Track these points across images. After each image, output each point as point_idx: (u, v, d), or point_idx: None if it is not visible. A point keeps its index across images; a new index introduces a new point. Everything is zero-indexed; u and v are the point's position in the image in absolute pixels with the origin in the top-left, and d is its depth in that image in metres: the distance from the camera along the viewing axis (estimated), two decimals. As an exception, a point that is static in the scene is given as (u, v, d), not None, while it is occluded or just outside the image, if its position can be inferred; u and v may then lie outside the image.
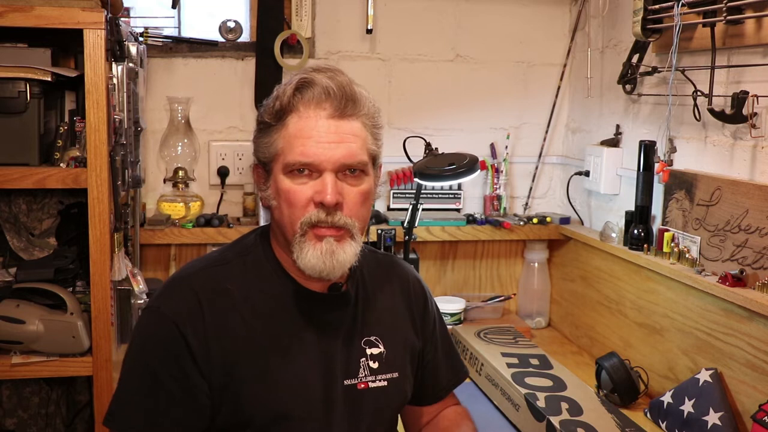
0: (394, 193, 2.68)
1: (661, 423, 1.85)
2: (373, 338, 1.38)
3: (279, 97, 1.28)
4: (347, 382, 1.34)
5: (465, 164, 2.27)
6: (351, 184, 1.27)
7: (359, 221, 1.28)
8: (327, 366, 1.31)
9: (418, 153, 2.41)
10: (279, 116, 1.27)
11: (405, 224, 2.48)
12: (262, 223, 2.47)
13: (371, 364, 1.36)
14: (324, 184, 1.23)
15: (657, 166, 1.97)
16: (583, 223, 2.65)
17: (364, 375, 1.35)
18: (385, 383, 1.37)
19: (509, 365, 2.01)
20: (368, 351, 1.37)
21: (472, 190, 2.76)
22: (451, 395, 1.58)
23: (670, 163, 1.95)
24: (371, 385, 1.36)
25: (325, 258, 1.24)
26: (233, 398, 1.26)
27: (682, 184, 2.00)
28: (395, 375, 1.39)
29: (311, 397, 1.29)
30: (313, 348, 1.31)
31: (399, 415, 1.50)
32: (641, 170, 2.12)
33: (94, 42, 1.75)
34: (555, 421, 1.70)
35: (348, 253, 1.26)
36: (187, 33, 2.58)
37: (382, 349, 1.38)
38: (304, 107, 1.25)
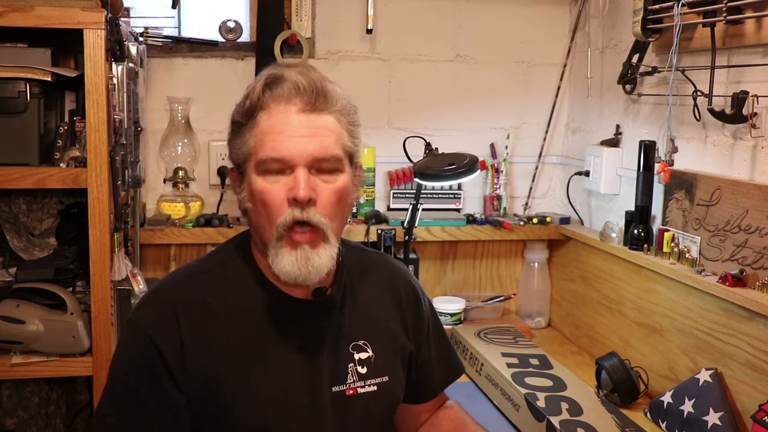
0: (394, 193, 2.67)
1: (661, 423, 1.85)
2: (361, 342, 1.36)
3: (249, 95, 1.25)
4: (335, 388, 1.32)
5: (465, 164, 2.27)
6: (325, 180, 1.23)
7: (334, 221, 1.25)
8: (313, 374, 1.29)
9: (418, 153, 2.41)
10: (249, 114, 1.25)
11: (405, 224, 2.47)
12: (262, 223, 2.47)
13: (360, 369, 1.34)
14: (296, 179, 1.20)
15: (658, 166, 1.97)
16: (583, 223, 2.65)
17: (352, 381, 1.33)
18: (375, 388, 1.35)
19: (509, 365, 2.01)
20: (356, 356, 1.35)
21: (472, 190, 2.76)
22: (441, 397, 1.57)
23: (671, 163, 1.95)
24: (360, 390, 1.34)
25: (301, 265, 1.21)
26: (215, 411, 1.24)
27: (682, 184, 2.00)
28: (385, 379, 1.37)
29: (296, 406, 1.27)
30: (298, 356, 1.29)
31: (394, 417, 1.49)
32: (641, 170, 2.12)
33: (94, 42, 1.75)
34: (555, 421, 1.70)
35: (323, 257, 1.23)
36: (187, 33, 2.58)
37: (370, 353, 1.36)
38: (275, 103, 1.23)
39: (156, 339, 1.22)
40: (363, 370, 1.35)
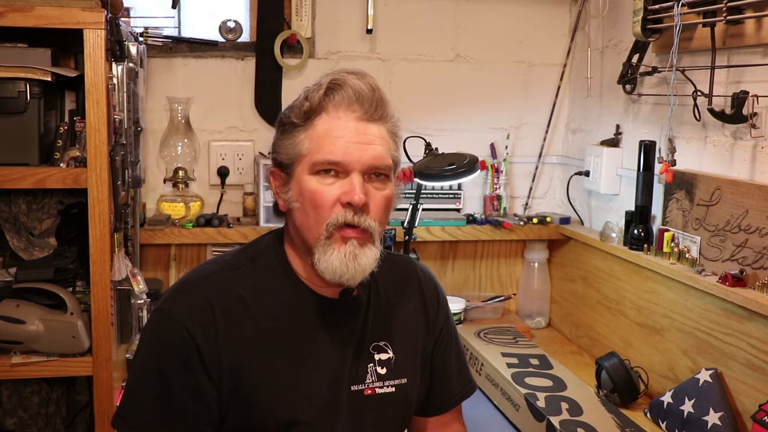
0: (394, 193, 2.67)
1: (661, 423, 1.85)
2: (382, 343, 1.37)
3: (308, 97, 1.27)
4: (354, 387, 1.33)
5: (465, 164, 2.27)
6: (376, 187, 1.26)
7: (380, 226, 1.28)
8: (336, 372, 1.31)
9: (418, 153, 2.41)
10: (307, 116, 1.26)
11: (405, 224, 2.48)
12: (261, 223, 2.47)
13: (379, 369, 1.35)
14: (352, 184, 1.23)
15: (660, 166, 1.97)
16: (583, 223, 2.65)
17: (371, 381, 1.34)
18: (393, 389, 1.36)
19: (509, 365, 2.01)
20: (376, 356, 1.36)
21: (472, 190, 2.76)
22: (458, 416, 1.53)
23: (673, 163, 1.95)
24: (378, 391, 1.34)
25: (348, 261, 1.23)
26: (242, 403, 1.26)
27: (682, 184, 2.00)
28: (404, 381, 1.37)
29: (319, 403, 1.29)
30: (323, 354, 1.30)
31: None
32: (641, 170, 2.12)
33: (94, 42, 1.75)
34: (555, 421, 1.70)
35: (369, 257, 1.25)
36: (187, 33, 2.58)
37: (390, 354, 1.37)
38: (334, 108, 1.25)
39: (191, 329, 1.23)
40: (382, 371, 1.36)
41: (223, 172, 2.56)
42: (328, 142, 1.23)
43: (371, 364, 1.35)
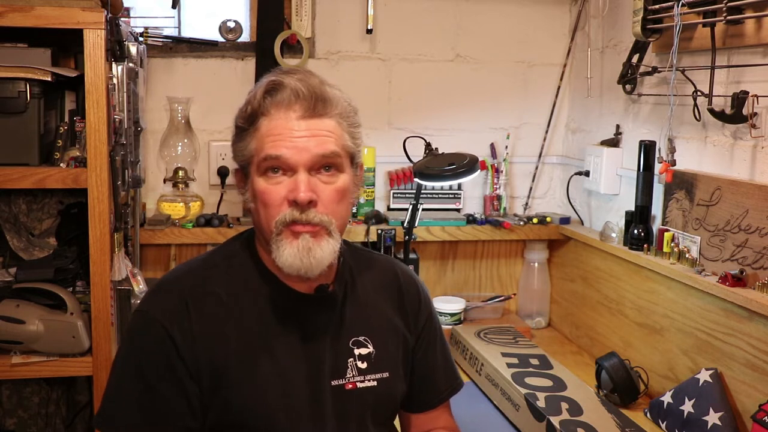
0: (394, 193, 2.67)
1: (661, 423, 1.85)
2: (361, 338, 1.37)
3: (250, 101, 1.29)
4: (335, 382, 1.33)
5: (465, 164, 2.27)
6: (325, 181, 1.27)
7: (336, 219, 1.28)
8: (314, 367, 1.32)
9: (418, 153, 2.41)
10: (251, 120, 1.28)
11: (405, 224, 2.47)
12: (262, 223, 2.47)
13: (359, 364, 1.36)
14: (297, 182, 1.24)
15: (660, 166, 1.97)
16: (583, 223, 2.65)
17: (352, 375, 1.35)
18: (375, 383, 1.37)
19: (509, 365, 2.01)
20: (356, 351, 1.36)
21: (472, 190, 2.76)
22: (447, 412, 1.53)
23: (673, 163, 1.95)
24: (359, 385, 1.35)
25: (302, 255, 1.24)
26: (222, 400, 1.26)
27: (682, 184, 2.00)
28: (385, 375, 1.38)
29: (299, 398, 1.29)
30: (300, 350, 1.31)
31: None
32: (641, 170, 2.12)
33: (94, 42, 1.75)
34: (555, 421, 1.70)
35: (325, 250, 1.25)
36: (187, 33, 2.58)
37: (371, 349, 1.37)
38: (275, 109, 1.26)
39: (169, 328, 1.24)
40: (363, 366, 1.36)
41: (223, 172, 2.56)
42: (270, 140, 1.25)
43: (351, 359, 1.36)
